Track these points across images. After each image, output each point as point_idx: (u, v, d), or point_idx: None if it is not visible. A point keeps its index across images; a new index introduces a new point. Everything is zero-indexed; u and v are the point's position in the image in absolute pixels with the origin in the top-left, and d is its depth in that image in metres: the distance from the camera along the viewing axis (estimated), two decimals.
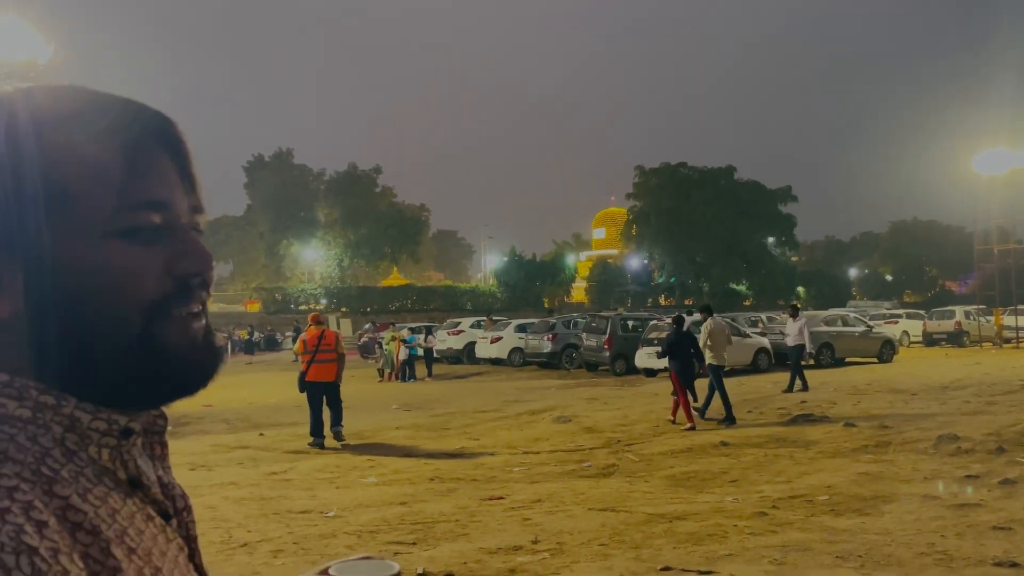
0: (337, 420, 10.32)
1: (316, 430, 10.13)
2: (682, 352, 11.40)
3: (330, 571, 0.79)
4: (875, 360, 22.07)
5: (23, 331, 0.64)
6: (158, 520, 0.67)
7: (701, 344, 11.69)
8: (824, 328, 21.98)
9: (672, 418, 11.34)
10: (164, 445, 0.74)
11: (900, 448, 8.60)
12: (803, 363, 15.56)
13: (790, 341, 15.85)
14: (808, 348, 15.91)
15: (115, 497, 0.63)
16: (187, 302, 0.67)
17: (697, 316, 13.75)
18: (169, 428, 0.74)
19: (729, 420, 11.03)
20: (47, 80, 0.68)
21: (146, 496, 0.66)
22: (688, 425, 10.82)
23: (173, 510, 0.70)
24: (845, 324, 22.84)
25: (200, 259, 0.67)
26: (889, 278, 71.49)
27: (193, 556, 0.71)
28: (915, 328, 31.28)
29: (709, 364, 11.70)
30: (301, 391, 10.38)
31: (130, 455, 0.65)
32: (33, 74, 18.56)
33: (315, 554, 5.33)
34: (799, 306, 17.37)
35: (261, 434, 11.31)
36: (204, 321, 0.69)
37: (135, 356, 0.64)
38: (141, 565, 0.61)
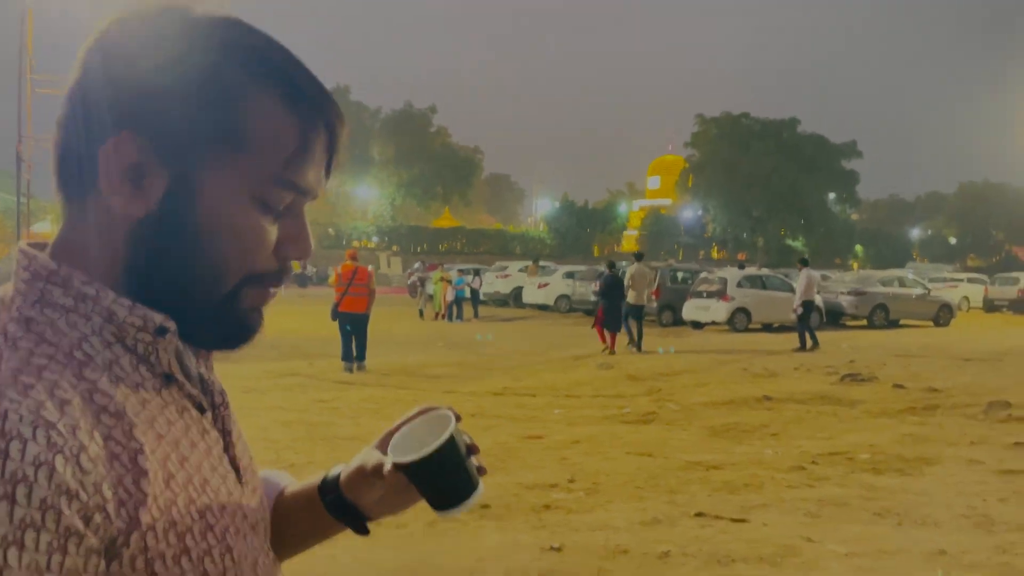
0: (361, 355, 11.08)
1: (347, 355, 11.04)
2: (612, 293, 13.90)
3: (393, 439, 0.84)
4: (931, 324, 21.53)
5: (135, 237, 0.65)
6: (193, 412, 0.69)
7: (625, 285, 14.03)
8: (880, 288, 21.46)
9: (608, 346, 13.64)
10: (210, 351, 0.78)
11: (948, 412, 8.44)
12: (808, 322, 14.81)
13: (804, 296, 14.86)
14: (794, 305, 15.05)
15: (148, 387, 0.65)
16: (278, 283, 0.71)
17: (750, 271, 13.76)
18: None
19: (638, 347, 13.93)
20: None
21: (181, 389, 0.68)
22: (608, 349, 13.48)
23: (210, 404, 0.72)
24: (902, 285, 22.26)
25: (306, 250, 0.71)
26: (953, 241, 69.14)
27: (228, 448, 0.73)
28: (976, 293, 30.35)
29: (629, 304, 14.05)
30: (333, 319, 11.16)
31: (166, 351, 0.66)
32: None
33: None
34: (806, 258, 16.19)
35: (310, 363, 11.62)
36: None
37: (212, 309, 0.68)
38: (168, 451, 0.64)
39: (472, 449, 0.83)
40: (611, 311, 13.79)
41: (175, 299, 0.66)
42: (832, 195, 56.35)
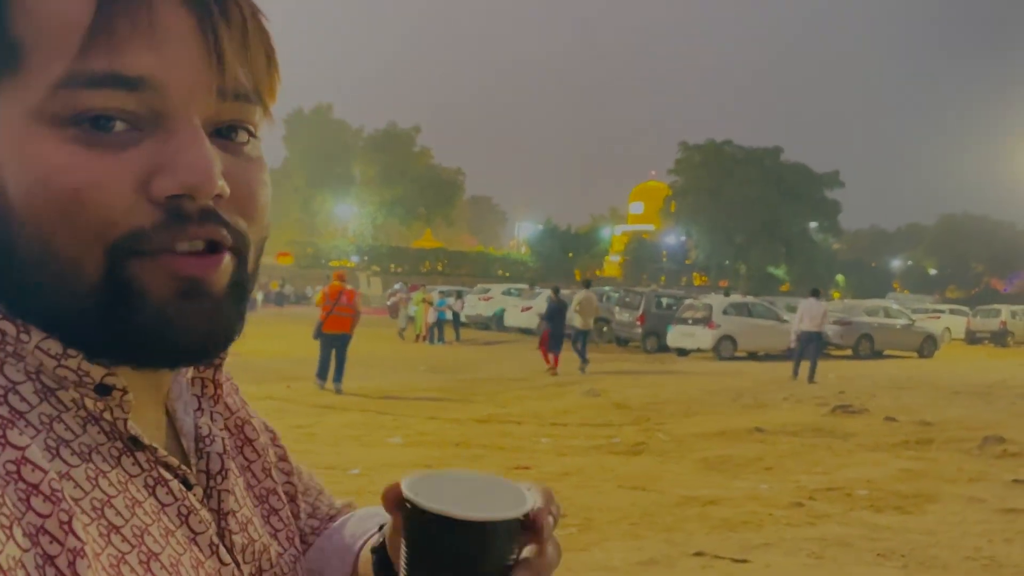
0: (339, 376, 11.15)
1: (323, 372, 11.15)
2: (556, 318, 14.83)
3: (431, 472, 0.53)
4: (915, 354, 21.55)
5: None
6: (173, 486, 0.49)
7: (572, 309, 15.02)
8: (865, 319, 21.48)
9: (552, 367, 14.48)
10: (217, 385, 0.56)
11: (943, 446, 8.29)
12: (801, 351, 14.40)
13: (809, 326, 14.31)
14: (793, 334, 14.62)
15: (104, 455, 0.46)
16: (175, 237, 0.45)
17: (736, 298, 13.66)
18: (225, 362, 0.55)
19: (584, 363, 14.90)
20: None
21: (153, 456, 0.48)
22: (552, 369, 14.37)
23: (201, 473, 0.52)
24: (887, 315, 22.31)
25: (190, 171, 0.44)
26: (933, 272, 69.97)
27: (223, 534, 0.52)
28: (957, 325, 30.55)
29: (576, 328, 14.99)
30: (315, 338, 11.25)
31: (121, 411, 0.47)
32: None
33: None
34: (818, 289, 15.95)
35: (288, 386, 11.30)
36: (222, 264, 0.47)
37: (100, 308, 0.45)
38: (125, 550, 0.44)
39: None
40: (555, 334, 14.71)
41: (43, 308, 0.45)
42: (814, 224, 56.87)
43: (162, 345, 0.46)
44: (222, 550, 0.51)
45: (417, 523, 0.49)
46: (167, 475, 0.50)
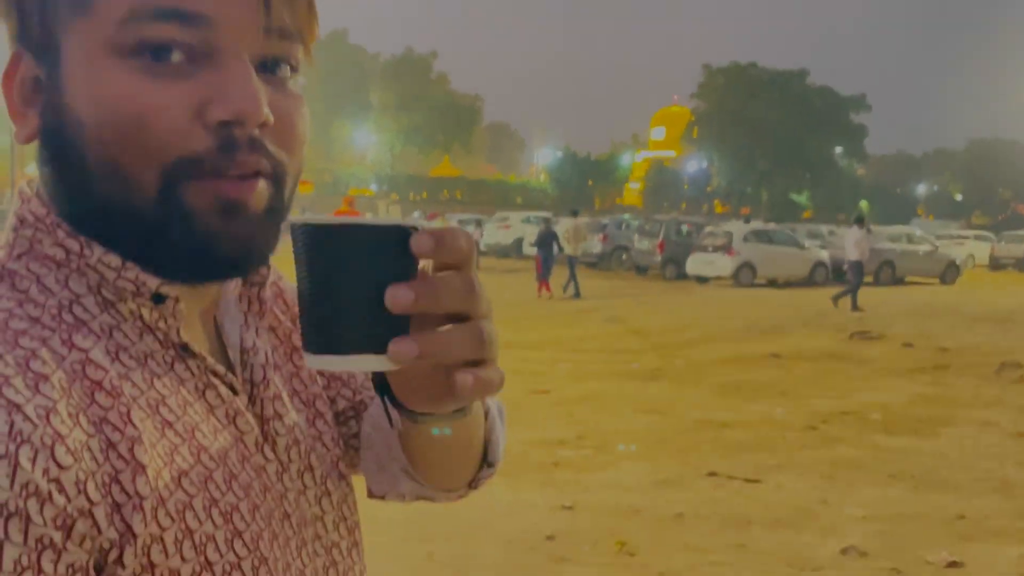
0: None
1: None
2: (547, 244, 15.76)
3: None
4: (936, 281, 21.40)
5: (43, 162, 0.53)
6: (221, 391, 0.55)
7: (562, 238, 15.88)
8: (887, 245, 21.27)
9: (547, 293, 15.41)
10: (263, 301, 0.61)
11: (960, 372, 8.34)
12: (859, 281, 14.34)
13: (852, 255, 14.37)
14: (850, 261, 14.36)
15: (159, 361, 0.52)
16: (226, 163, 0.50)
17: (757, 225, 13.47)
18: (268, 280, 0.60)
19: (577, 295, 15.41)
20: None
21: (203, 364, 0.54)
22: (547, 294, 15.25)
23: (247, 381, 0.58)
24: (910, 242, 22.07)
25: (240, 100, 0.49)
26: (959, 198, 68.68)
27: (267, 436, 0.58)
28: (982, 251, 30.15)
29: (568, 254, 15.93)
30: None
31: (175, 319, 0.53)
32: None
33: None
34: (864, 216, 15.62)
35: None
36: (259, 189, 0.52)
37: (154, 224, 0.50)
38: (177, 442, 0.50)
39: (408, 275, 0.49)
40: (547, 260, 15.71)
41: (104, 225, 0.52)
42: (839, 149, 55.71)
43: (207, 259, 0.52)
44: (266, 448, 0.58)
45: (299, 241, 0.48)
46: (215, 381, 0.55)
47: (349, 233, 0.47)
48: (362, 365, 0.48)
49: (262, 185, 0.52)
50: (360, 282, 0.47)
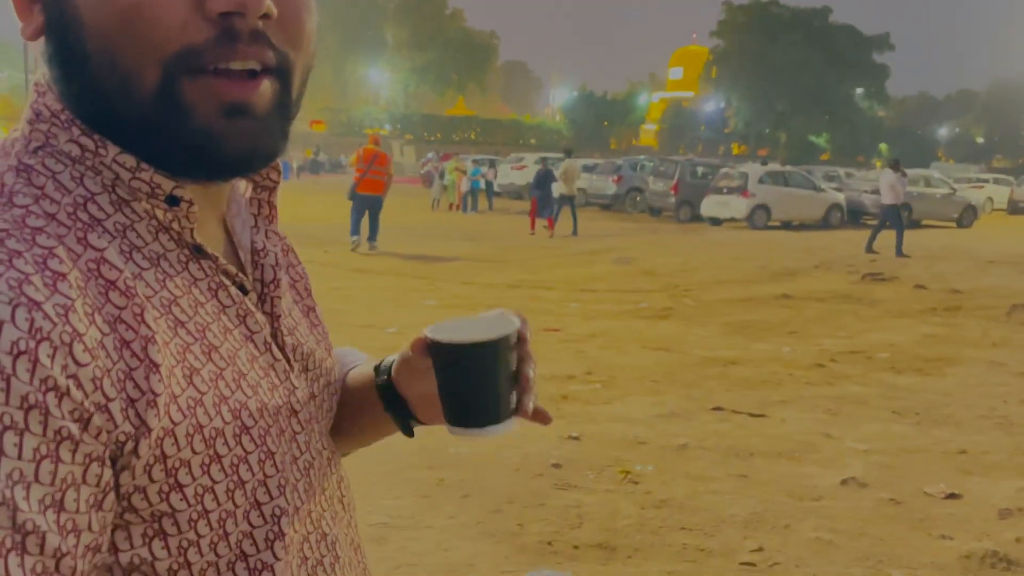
0: (373, 235, 11.65)
1: (356, 230, 11.60)
2: (544, 184, 16.21)
3: (447, 321, 0.71)
4: (954, 224, 21.18)
5: (49, 60, 0.53)
6: (231, 291, 0.57)
7: (559, 178, 16.09)
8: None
9: (538, 230, 15.81)
10: (273, 206, 0.63)
11: (970, 313, 8.33)
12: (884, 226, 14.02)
13: (887, 198, 13.95)
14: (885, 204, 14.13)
15: (172, 261, 0.53)
16: (227, 55, 0.50)
17: (773, 167, 13.21)
18: (280, 184, 0.63)
19: (575, 232, 15.68)
20: None
21: (215, 264, 0.56)
22: (549, 233, 15.57)
23: (257, 281, 0.60)
24: (927, 185, 21.77)
25: None
26: (981, 140, 67.25)
27: (276, 334, 0.60)
28: (1001, 194, 29.69)
29: (563, 194, 16.06)
30: (349, 198, 11.65)
31: (188, 220, 0.54)
32: None
33: None
34: (897, 159, 15.00)
35: (325, 251, 11.57)
36: (262, 88, 0.52)
37: (154, 120, 0.51)
38: (189, 341, 0.52)
39: (522, 381, 0.67)
40: (543, 200, 16.14)
41: (107, 119, 0.52)
42: (860, 90, 54.46)
43: (209, 157, 0.52)
44: (275, 348, 0.60)
45: (440, 356, 0.65)
46: (226, 281, 0.57)
47: (495, 345, 0.64)
48: (499, 432, 0.66)
49: (266, 84, 0.52)
50: (505, 370, 0.65)
